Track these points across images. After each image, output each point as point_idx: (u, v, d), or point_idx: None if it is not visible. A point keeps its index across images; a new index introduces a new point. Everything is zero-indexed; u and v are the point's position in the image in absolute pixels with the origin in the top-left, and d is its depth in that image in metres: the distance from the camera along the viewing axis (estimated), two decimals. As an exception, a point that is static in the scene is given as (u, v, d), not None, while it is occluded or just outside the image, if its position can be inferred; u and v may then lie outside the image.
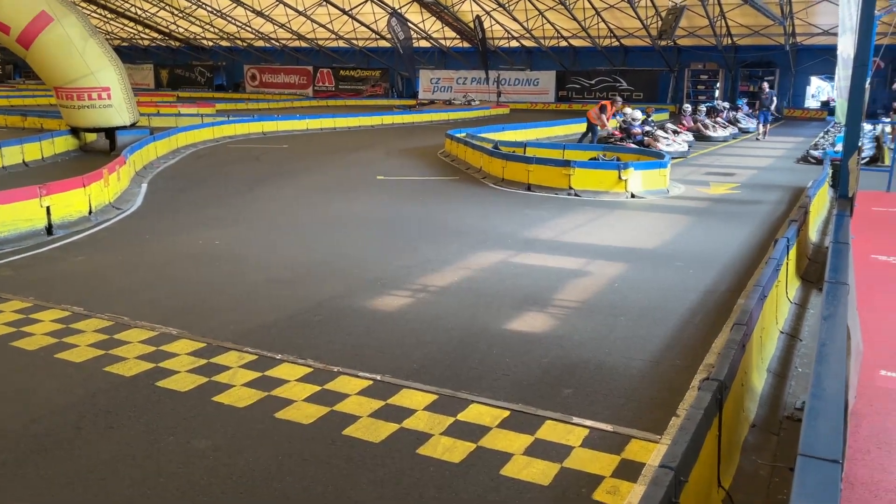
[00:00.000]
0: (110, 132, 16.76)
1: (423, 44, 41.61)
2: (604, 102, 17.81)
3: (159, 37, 49.60)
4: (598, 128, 17.58)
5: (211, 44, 49.65)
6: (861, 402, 4.20)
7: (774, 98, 22.39)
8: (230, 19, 42.63)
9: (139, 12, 45.01)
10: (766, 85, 23.65)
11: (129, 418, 4.14)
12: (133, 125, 17.23)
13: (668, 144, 16.97)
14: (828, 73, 32.83)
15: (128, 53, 50.72)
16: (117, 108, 16.45)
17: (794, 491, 1.88)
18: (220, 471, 3.62)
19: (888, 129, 17.02)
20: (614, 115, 18.81)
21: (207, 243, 8.49)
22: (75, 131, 16.97)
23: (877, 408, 4.18)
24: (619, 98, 20.38)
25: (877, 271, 7.18)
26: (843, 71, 14.28)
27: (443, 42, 41.58)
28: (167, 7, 42.67)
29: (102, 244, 8.53)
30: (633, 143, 16.74)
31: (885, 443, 3.79)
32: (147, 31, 48.68)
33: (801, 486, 1.89)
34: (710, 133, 21.41)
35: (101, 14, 46.01)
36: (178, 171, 14.99)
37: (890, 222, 9.59)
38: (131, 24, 47.60)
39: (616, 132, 17.77)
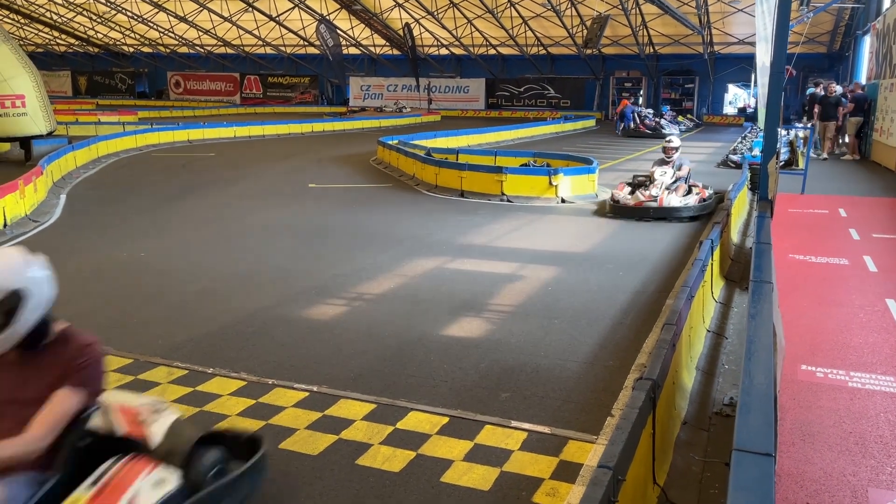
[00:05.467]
0: (25, 141, 16.06)
1: (353, 51, 41.44)
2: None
3: (77, 42, 47.82)
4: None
5: (132, 50, 48.18)
6: (785, 397, 4.38)
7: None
8: (152, 24, 41.46)
9: (54, 17, 43.32)
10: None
11: (50, 440, 3.94)
12: (50, 134, 16.59)
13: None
14: (744, 80, 34.30)
15: (43, 60, 48.68)
16: (32, 117, 15.78)
17: (730, 485, 1.93)
18: (151, 491, 3.47)
19: (801, 133, 17.83)
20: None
21: (132, 255, 8.20)
22: (-13, 141, 16.20)
23: (799, 401, 4.36)
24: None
25: (794, 270, 7.52)
26: (762, 79, 14.93)
27: (372, 49, 41.51)
28: (84, 12, 41.21)
29: (18, 258, 8.10)
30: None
31: (808, 435, 3.95)
32: (63, 36, 46.90)
33: (737, 481, 1.94)
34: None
35: (14, 19, 44.10)
36: (99, 181, 14.45)
37: (805, 223, 10.06)
38: (46, 29, 45.78)
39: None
